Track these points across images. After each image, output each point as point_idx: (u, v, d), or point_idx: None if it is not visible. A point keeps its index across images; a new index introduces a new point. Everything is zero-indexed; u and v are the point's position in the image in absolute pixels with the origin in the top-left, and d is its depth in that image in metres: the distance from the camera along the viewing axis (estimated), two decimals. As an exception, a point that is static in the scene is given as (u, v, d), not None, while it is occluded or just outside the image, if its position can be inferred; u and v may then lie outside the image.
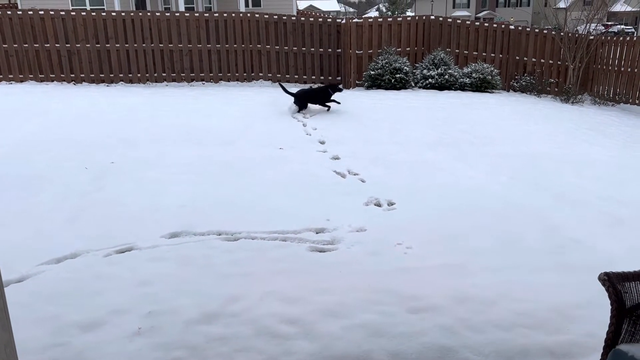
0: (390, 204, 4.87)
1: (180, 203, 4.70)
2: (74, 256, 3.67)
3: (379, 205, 4.85)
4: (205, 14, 12.75)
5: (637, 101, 11.66)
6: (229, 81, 13.01)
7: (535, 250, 3.83)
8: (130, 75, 12.51)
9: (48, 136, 6.87)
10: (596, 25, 13.36)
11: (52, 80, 12.13)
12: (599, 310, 2.87)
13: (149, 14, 12.44)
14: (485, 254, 3.74)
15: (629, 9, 39.77)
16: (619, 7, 44.63)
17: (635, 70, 11.69)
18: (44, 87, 11.53)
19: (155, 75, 12.65)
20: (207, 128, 7.62)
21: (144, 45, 12.40)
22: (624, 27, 42.51)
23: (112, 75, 12.42)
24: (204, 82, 12.89)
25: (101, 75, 12.36)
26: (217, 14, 12.80)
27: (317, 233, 4.12)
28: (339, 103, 9.26)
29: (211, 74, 12.92)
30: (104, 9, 17.93)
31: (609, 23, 37.28)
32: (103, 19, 12.09)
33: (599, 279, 1.67)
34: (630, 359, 1.56)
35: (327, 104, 9.23)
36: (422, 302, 2.96)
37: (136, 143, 6.63)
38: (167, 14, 12.53)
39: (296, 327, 2.77)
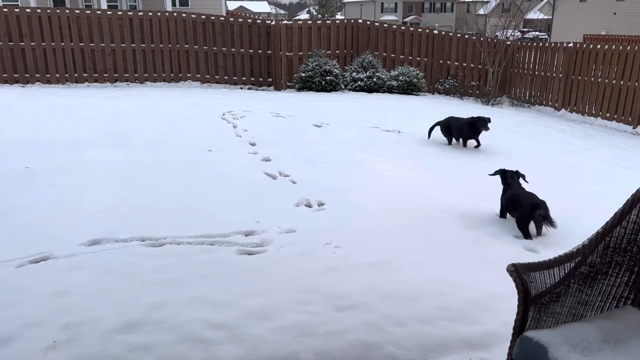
0: (321, 204, 4.90)
1: (102, 209, 4.50)
2: (-18, 268, 3.41)
3: (309, 206, 4.87)
4: (129, 12, 12.31)
5: (549, 103, 12.46)
6: (155, 82, 12.64)
7: (456, 246, 3.99)
8: (48, 75, 11.86)
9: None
10: (513, 32, 14.16)
11: (-41, 80, 11.28)
12: (512, 300, 3.05)
13: (67, 11, 11.84)
14: (409, 251, 3.86)
15: (542, 16, 42.42)
16: (533, 15, 47.54)
17: (549, 74, 12.49)
18: (-51, 87, 10.67)
19: (76, 75, 12.06)
20: (132, 130, 7.35)
21: (62, 44, 11.79)
22: (539, 33, 45.34)
23: (27, 75, 11.71)
24: (128, 82, 12.44)
25: (15, 75, 11.63)
26: (141, 13, 12.40)
27: (246, 236, 4.07)
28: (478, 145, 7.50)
29: (136, 75, 12.49)
30: (18, 4, 16.85)
31: (525, 29, 39.60)
32: (17, 15, 11.38)
33: (507, 270, 1.76)
34: (536, 344, 1.67)
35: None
36: (349, 300, 3.01)
37: (54, 147, 6.28)
38: (87, 12, 11.98)
39: (222, 332, 2.73)
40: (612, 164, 7.43)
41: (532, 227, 4.27)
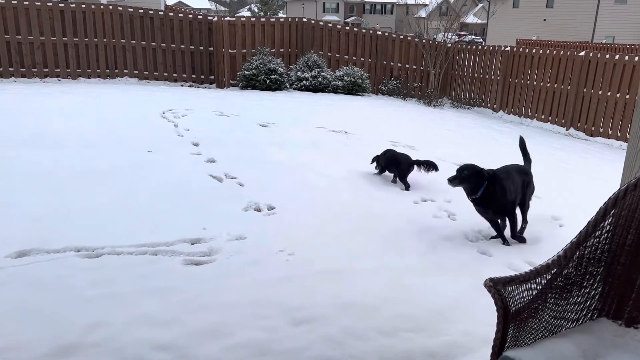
0: (271, 208, 4.72)
1: (31, 216, 4.09)
2: None
3: (258, 210, 4.67)
4: (60, 4, 11.56)
5: (488, 105, 12.83)
6: (89, 78, 11.96)
7: (414, 252, 3.92)
8: (-32, 69, 10.94)
9: None
10: (451, 35, 14.49)
11: None
12: (473, 308, 3.00)
13: (-10, 0, 10.96)
14: (366, 257, 3.75)
15: (478, 20, 44.06)
16: (469, 19, 49.23)
17: (487, 76, 12.86)
18: None
19: (1, 69, 11.20)
20: (63, 130, 6.85)
21: (-16, 35, 10.91)
22: (474, 37, 47.03)
23: (-58, 68, 10.75)
24: (59, 78, 11.70)
25: None
26: (74, 5, 11.68)
27: (192, 244, 3.82)
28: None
29: (68, 70, 11.76)
30: None
31: (462, 33, 40.95)
32: None
33: (485, 285, 1.67)
34: (517, 364, 1.58)
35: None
36: (307, 313, 2.84)
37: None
38: (13, 2, 11.13)
39: (169, 354, 2.49)
40: (550, 165, 7.68)
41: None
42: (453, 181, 4.01)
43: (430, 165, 5.44)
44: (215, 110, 8.99)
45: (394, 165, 5.73)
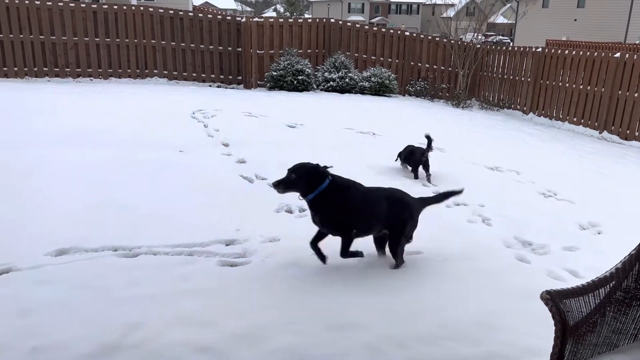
0: (302, 210, 4.70)
1: (69, 215, 4.16)
2: None
3: (290, 212, 4.67)
4: (93, 5, 11.80)
5: (518, 107, 12.61)
6: (120, 78, 12.15)
7: (451, 257, 3.85)
8: (5, 68, 11.22)
9: None
10: (478, 35, 14.30)
11: None
12: (515, 317, 2.94)
13: (27, 1, 11.21)
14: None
15: (505, 20, 43.41)
16: (497, 19, 48.47)
17: (517, 77, 12.64)
18: None
19: (36, 69, 11.46)
20: (97, 129, 6.95)
21: (21, 36, 11.18)
22: (502, 37, 46.33)
23: (-19, 68, 11.04)
24: (91, 78, 11.91)
25: (-32, 67, 10.95)
26: (106, 6, 11.88)
27: (226, 245, 3.84)
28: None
29: (100, 70, 11.97)
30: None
31: (489, 33, 40.40)
32: (-29, 4, 10.71)
33: (541, 297, 1.62)
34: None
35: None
36: (344, 318, 2.82)
37: (14, 146, 5.85)
38: (48, 3, 11.38)
39: (208, 356, 2.50)
40: (583, 169, 7.50)
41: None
42: (278, 186, 3.45)
43: (430, 144, 6.05)
44: (243, 111, 9.03)
45: (410, 157, 6.18)
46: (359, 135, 8.13)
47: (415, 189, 5.61)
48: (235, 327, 2.73)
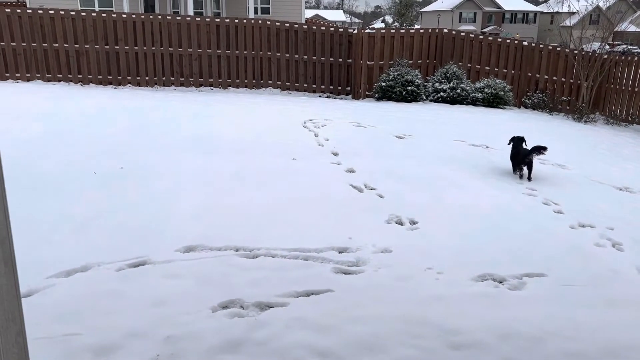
0: (413, 222, 4.66)
1: (194, 214, 4.49)
2: (85, 269, 3.45)
3: (400, 223, 4.64)
4: (216, 19, 12.62)
5: (651, 122, 11.50)
6: (237, 87, 12.86)
7: (577, 283, 3.60)
8: (139, 78, 12.36)
9: (54, 139, 6.67)
10: (603, 45, 13.23)
11: (59, 81, 11.98)
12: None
13: (159, 17, 12.31)
14: (522, 284, 3.52)
15: (634, 29, 39.80)
16: (630, 28, 44.64)
17: (650, 91, 11.54)
18: (50, 87, 11.35)
19: (164, 79, 12.50)
20: (218, 136, 7.43)
21: (153, 48, 12.26)
22: (630, 46, 42.53)
23: (119, 77, 12.27)
24: (212, 87, 12.74)
25: (109, 77, 12.21)
26: (227, 20, 12.67)
27: (339, 252, 3.90)
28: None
29: (220, 80, 12.77)
30: (112, 10, 17.80)
31: (615, 42, 37.29)
32: (113, 20, 11.96)
33: None
34: None
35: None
36: (464, 337, 2.74)
37: (144, 149, 6.43)
38: (177, 18, 12.40)
39: (328, 360, 2.56)
40: None
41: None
42: None
43: (540, 149, 6.24)
44: (352, 121, 9.14)
45: (516, 157, 6.47)
46: (471, 148, 7.89)
47: (538, 215, 5.33)
48: (354, 333, 2.77)
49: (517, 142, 6.60)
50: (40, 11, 11.70)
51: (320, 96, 13.19)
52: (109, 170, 5.51)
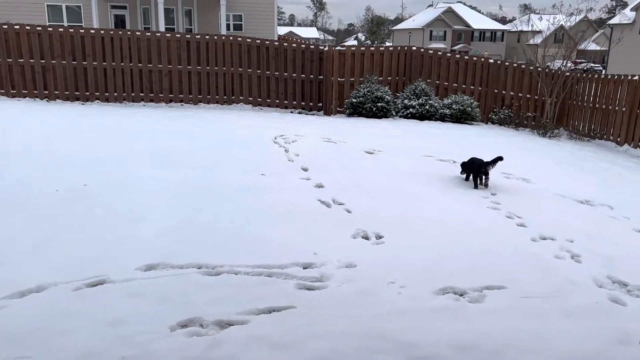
0: (379, 237, 4.68)
1: (157, 231, 4.42)
2: (40, 289, 3.36)
3: (366, 238, 4.66)
4: (186, 35, 12.60)
5: (611, 137, 11.87)
6: (208, 103, 12.82)
7: (536, 296, 3.65)
8: (107, 94, 12.22)
9: (14, 156, 6.52)
10: (566, 63, 13.68)
11: (24, 97, 11.74)
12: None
13: (129, 32, 12.23)
14: (482, 296, 3.57)
15: (596, 47, 41.26)
16: (588, 46, 46.20)
17: (610, 107, 11.94)
18: (15, 102, 11.11)
19: (133, 94, 12.38)
20: (186, 151, 7.37)
21: (122, 64, 12.16)
22: (592, 65, 44.01)
23: (87, 93, 12.11)
24: (182, 103, 12.68)
25: (76, 92, 12.04)
26: (198, 36, 12.67)
27: (304, 268, 3.89)
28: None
29: (190, 96, 12.71)
30: (82, 25, 17.61)
31: (578, 60, 38.54)
32: (81, 35, 11.84)
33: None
34: None
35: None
36: (422, 351, 2.75)
37: (109, 164, 6.33)
38: (147, 34, 12.34)
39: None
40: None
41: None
42: None
43: (496, 161, 6.56)
44: (322, 137, 9.18)
45: (470, 168, 6.75)
46: (438, 162, 8.00)
47: (501, 228, 5.41)
48: (315, 350, 2.75)
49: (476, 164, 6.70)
50: (5, 26, 11.49)
51: (292, 112, 13.24)
52: (72, 188, 5.40)
